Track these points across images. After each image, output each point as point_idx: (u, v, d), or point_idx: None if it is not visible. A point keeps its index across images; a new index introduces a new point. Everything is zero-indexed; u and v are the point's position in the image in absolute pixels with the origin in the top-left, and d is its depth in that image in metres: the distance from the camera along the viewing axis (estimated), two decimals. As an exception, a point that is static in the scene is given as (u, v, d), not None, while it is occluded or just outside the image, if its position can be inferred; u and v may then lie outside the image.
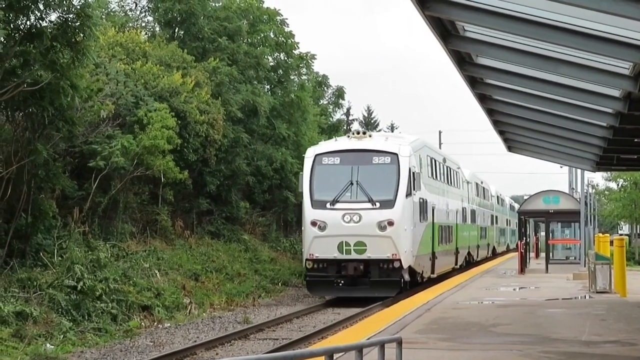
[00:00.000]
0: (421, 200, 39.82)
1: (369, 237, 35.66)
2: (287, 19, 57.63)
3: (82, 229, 31.82)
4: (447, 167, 51.07)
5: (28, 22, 28.73)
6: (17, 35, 28.07)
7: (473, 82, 20.19)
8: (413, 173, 37.24)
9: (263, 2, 55.79)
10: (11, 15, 27.69)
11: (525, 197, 62.90)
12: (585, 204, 51.27)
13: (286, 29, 57.89)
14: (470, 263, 59.51)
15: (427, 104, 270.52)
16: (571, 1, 11.79)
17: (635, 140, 24.30)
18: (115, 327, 27.75)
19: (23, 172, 28.44)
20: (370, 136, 39.57)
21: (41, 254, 29.28)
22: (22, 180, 28.45)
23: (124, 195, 35.59)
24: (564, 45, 14.48)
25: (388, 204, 35.94)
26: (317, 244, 36.18)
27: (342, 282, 36.02)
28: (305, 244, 37.08)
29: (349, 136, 40.37)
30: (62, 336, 25.19)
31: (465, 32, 16.53)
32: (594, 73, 16.32)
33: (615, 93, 17.37)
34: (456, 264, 52.75)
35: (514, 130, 29.84)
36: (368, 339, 16.56)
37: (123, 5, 52.60)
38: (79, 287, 27.79)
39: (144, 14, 53.00)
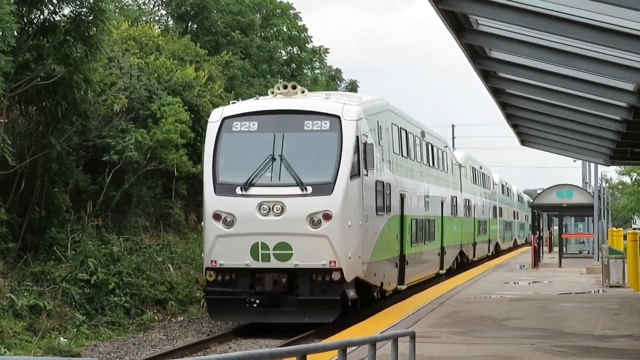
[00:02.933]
0: (380, 183, 27.24)
1: (296, 237, 23.46)
2: (300, 12, 57.71)
3: (96, 223, 31.81)
4: (427, 143, 37.99)
5: (41, 16, 28.88)
6: (30, 29, 28.23)
7: (486, 76, 20.14)
8: (365, 144, 24.60)
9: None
10: (24, 9, 27.83)
11: (539, 191, 62.66)
12: (599, 198, 51.17)
13: (299, 23, 57.92)
14: (463, 264, 48.80)
15: (440, 98, 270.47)
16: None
17: (649, 134, 24.27)
18: (129, 320, 27.82)
19: (37, 166, 28.56)
20: (303, 92, 26.22)
21: (55, 247, 29.25)
22: (35, 174, 28.56)
23: (137, 189, 35.48)
24: (579, 40, 14.42)
25: (324, 188, 23.56)
26: (222, 247, 23.89)
27: (258, 301, 23.74)
28: (206, 246, 24.69)
29: (273, 92, 26.62)
30: (75, 330, 25.26)
31: (479, 26, 16.52)
32: (608, 67, 16.28)
33: (630, 87, 17.33)
34: (441, 268, 40.02)
35: (528, 124, 29.82)
36: (381, 332, 16.54)
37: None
38: (92, 281, 27.87)
39: (157, 8, 53.13)
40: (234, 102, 28.53)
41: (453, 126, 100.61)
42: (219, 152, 24.81)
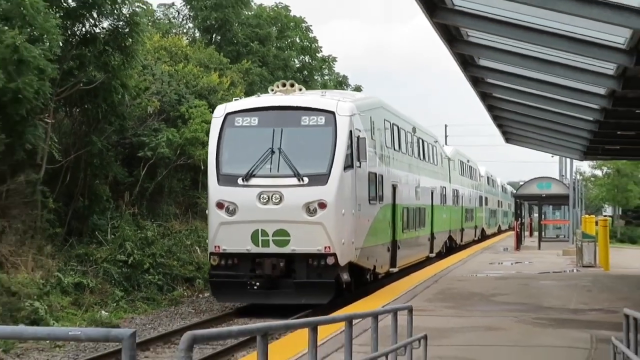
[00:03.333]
0: (372, 175, 26.17)
1: (293, 224, 22.57)
2: (311, 25, 57.74)
3: (132, 211, 31.98)
4: (418, 138, 36.75)
5: (83, 29, 29.05)
6: (73, 40, 28.45)
7: (475, 82, 20.12)
8: (358, 138, 23.70)
9: (290, 10, 55.81)
10: (68, 22, 27.98)
11: (521, 183, 62.81)
12: (574, 189, 51.11)
13: (311, 35, 57.96)
14: (452, 249, 46.89)
15: (435, 100, 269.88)
16: (565, 9, 11.76)
17: (618, 132, 24.26)
18: (161, 296, 27.92)
19: (80, 161, 28.87)
20: (300, 90, 25.70)
21: (96, 232, 29.43)
22: (79, 168, 28.91)
23: (169, 181, 35.57)
24: (557, 49, 14.42)
25: (319, 179, 22.69)
26: (225, 233, 23.02)
27: (258, 284, 22.93)
28: (210, 232, 23.88)
29: (272, 89, 25.80)
30: (115, 304, 25.38)
31: (469, 38, 16.52)
32: (583, 74, 16.29)
33: (602, 91, 17.33)
34: (431, 251, 38.78)
35: (511, 124, 29.83)
36: (383, 306, 16.56)
37: (167, 14, 52.67)
38: (129, 262, 28.01)
39: (185, 21, 53.04)
40: (237, 99, 27.29)
41: (446, 125, 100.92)
42: (222, 145, 23.75)
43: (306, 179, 22.45)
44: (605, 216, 55.54)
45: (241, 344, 18.42)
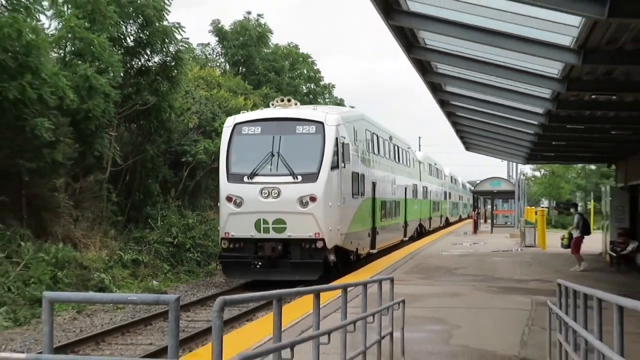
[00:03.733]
0: (355, 174, 25.40)
1: (289, 214, 22.20)
2: (315, 60, 57.90)
3: (177, 203, 32.13)
4: (394, 145, 35.64)
5: (139, 63, 29.35)
6: (132, 71, 28.88)
7: (442, 103, 19.78)
8: (342, 144, 23.26)
9: (299, 48, 55.90)
10: (128, 57, 28.27)
11: (478, 182, 62.86)
12: (518, 186, 51.17)
13: (315, 67, 58.10)
14: (422, 233, 45.68)
15: (413, 116, 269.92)
16: (512, 47, 11.71)
17: (553, 142, 24.26)
18: (199, 269, 28.04)
19: (136, 165, 29.71)
20: (296, 104, 25.44)
21: (149, 220, 29.62)
22: (136, 170, 29.70)
23: (205, 180, 35.53)
24: (507, 78, 14.29)
25: (311, 177, 22.30)
26: (233, 222, 22.64)
27: (260, 263, 22.42)
28: (221, 221, 23.37)
29: (273, 104, 25.74)
30: (163, 276, 25.64)
31: (438, 69, 16.45)
32: (527, 97, 16.28)
33: (540, 111, 17.32)
34: (405, 236, 37.79)
35: (470, 135, 29.82)
36: (370, 277, 16.55)
37: (204, 51, 52.76)
38: (174, 242, 28.25)
39: (218, 57, 53.07)
40: (244, 112, 26.61)
41: (419, 137, 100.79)
42: (231, 149, 23.18)
43: (300, 177, 22.09)
44: (542, 207, 55.45)
45: (260, 307, 18.50)
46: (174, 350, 4.87)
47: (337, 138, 22.84)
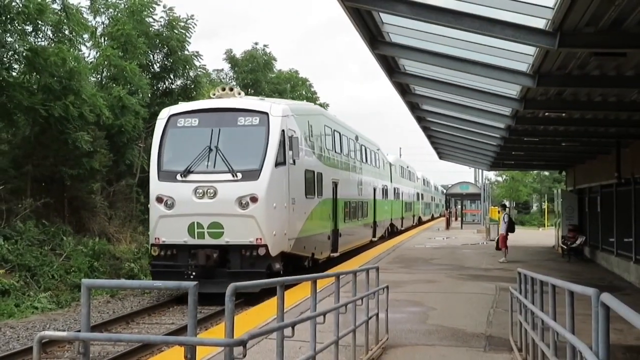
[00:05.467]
0: (310, 172, 19.89)
1: (226, 217, 16.76)
2: (312, 83, 57.87)
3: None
4: (361, 145, 29.63)
5: (164, 85, 29.33)
6: (158, 93, 29.00)
7: (413, 108, 19.23)
8: (290, 138, 17.76)
9: (299, 73, 55.92)
10: (154, 81, 28.33)
11: (449, 185, 63.03)
12: (484, 189, 51.25)
13: (312, 89, 58.14)
14: (394, 232, 40.57)
15: (396, 130, 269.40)
16: (477, 72, 11.70)
17: (513, 152, 24.28)
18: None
19: None
20: (239, 94, 19.14)
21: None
22: None
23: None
24: (474, 98, 14.29)
25: (251, 174, 16.92)
26: (164, 226, 17.12)
27: (194, 273, 16.77)
28: (151, 225, 17.63)
29: (214, 94, 19.64)
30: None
31: (416, 91, 16.42)
32: (491, 114, 16.24)
33: (502, 125, 17.30)
34: (374, 236, 32.13)
35: (443, 146, 29.80)
36: (359, 267, 16.54)
37: (219, 75, 52.75)
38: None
39: (230, 80, 53.07)
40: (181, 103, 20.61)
41: (400, 148, 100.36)
42: (165, 144, 17.64)
43: (239, 175, 16.68)
44: (506, 207, 55.59)
45: (266, 293, 16.21)
46: (193, 328, 4.95)
47: (283, 130, 17.43)
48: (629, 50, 8.67)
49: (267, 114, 17.38)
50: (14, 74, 22.59)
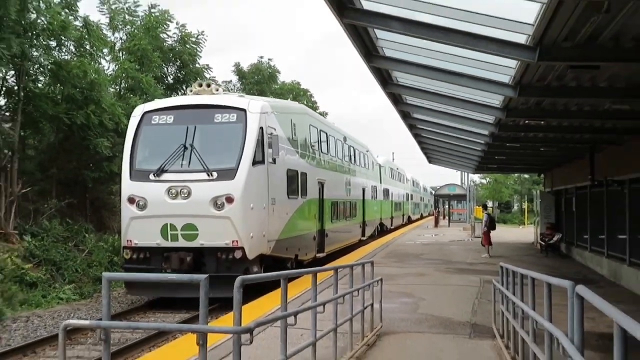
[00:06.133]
0: (293, 171, 17.52)
1: (201, 219, 14.49)
2: (313, 94, 57.86)
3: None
4: (349, 146, 26.99)
5: (177, 95, 29.23)
6: None
7: (405, 116, 19.22)
8: (270, 135, 15.38)
9: (300, 84, 55.90)
10: (168, 92, 28.22)
11: (438, 187, 63.07)
12: (469, 190, 51.20)
13: (313, 99, 58.17)
14: (384, 231, 38.40)
15: (391, 136, 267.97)
16: (464, 84, 11.71)
17: (496, 157, 24.29)
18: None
19: None
20: (216, 90, 16.42)
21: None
22: None
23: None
24: (461, 107, 14.29)
25: (227, 174, 14.60)
26: (136, 228, 14.76)
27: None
28: (123, 227, 15.17)
29: (191, 90, 16.92)
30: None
31: (407, 100, 16.43)
32: (477, 122, 16.26)
33: (486, 132, 17.32)
34: (363, 235, 29.51)
35: (432, 151, 29.81)
36: (355, 262, 16.55)
37: (227, 87, 52.71)
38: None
39: (238, 91, 53.10)
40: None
41: (393, 153, 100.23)
42: (138, 142, 15.28)
43: (215, 174, 14.41)
44: (487, 207, 55.62)
45: (271, 285, 14.72)
46: (204, 317, 4.97)
47: (262, 128, 15.10)
48: (602, 63, 8.69)
49: (244, 110, 15.08)
50: (39, 85, 22.65)
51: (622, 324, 3.53)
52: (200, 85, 16.39)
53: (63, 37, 21.61)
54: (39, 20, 20.68)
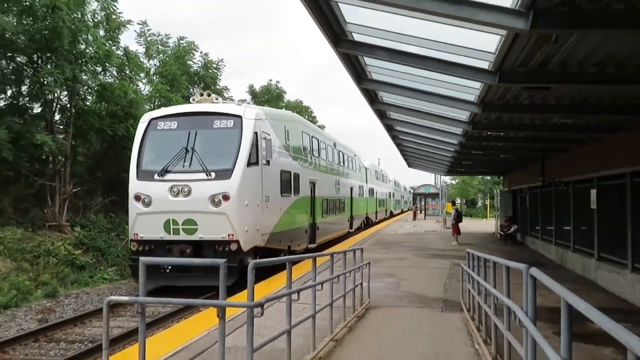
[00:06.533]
0: (286, 172, 16.62)
1: (200, 214, 13.69)
2: (313, 110, 57.78)
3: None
4: (339, 151, 25.83)
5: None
6: None
7: (389, 129, 18.83)
8: (264, 139, 14.69)
9: (302, 102, 55.92)
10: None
11: (416, 187, 63.01)
12: (441, 190, 51.16)
13: (313, 114, 58.07)
14: (369, 224, 37.05)
15: (380, 145, 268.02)
16: (435, 68, 11.67)
17: (463, 162, 24.24)
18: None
19: None
20: (216, 99, 15.71)
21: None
22: None
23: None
24: (437, 103, 13.66)
25: (224, 174, 13.82)
26: (142, 222, 13.96)
27: (170, 267, 13.63)
28: (130, 222, 14.28)
29: (193, 99, 16.00)
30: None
31: (391, 115, 16.35)
32: (446, 134, 16.22)
33: (455, 142, 17.30)
34: (351, 227, 28.48)
35: (411, 157, 29.75)
36: (348, 249, 16.58)
37: (239, 103, 52.72)
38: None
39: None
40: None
41: (379, 159, 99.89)
42: (145, 145, 14.33)
43: (213, 174, 13.49)
44: (455, 203, 55.55)
45: (278, 268, 14.27)
46: (224, 293, 4.97)
47: (256, 133, 14.22)
48: (551, 85, 8.69)
49: (240, 117, 14.18)
50: (88, 103, 22.64)
51: (567, 299, 3.53)
52: (202, 95, 15.65)
53: (107, 64, 21.61)
54: (87, 50, 20.69)
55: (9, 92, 20.37)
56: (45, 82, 19.31)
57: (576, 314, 3.41)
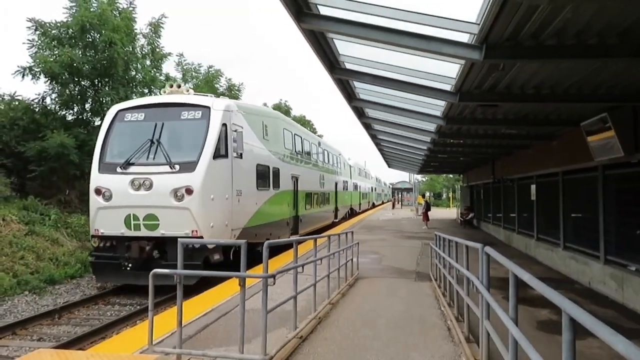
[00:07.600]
0: (262, 166, 12.66)
1: (162, 209, 9.45)
2: (311, 120, 57.38)
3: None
4: (323, 150, 22.52)
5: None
6: None
7: (367, 127, 17.03)
8: (235, 132, 10.50)
9: (305, 116, 55.68)
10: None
11: (395, 183, 62.91)
12: (414, 185, 51.10)
13: (314, 126, 57.79)
14: (353, 214, 33.79)
15: (367, 145, 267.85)
16: (410, 91, 11.59)
17: (432, 163, 24.18)
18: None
19: None
20: (187, 91, 11.19)
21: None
22: None
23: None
24: (409, 117, 12.25)
25: (188, 166, 9.56)
26: (102, 217, 9.83)
27: (130, 265, 9.63)
28: (90, 217, 10.12)
29: (165, 91, 11.38)
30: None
31: (369, 113, 15.30)
32: (417, 141, 16.14)
33: (425, 147, 17.22)
34: (336, 218, 25.15)
35: (390, 159, 29.68)
36: (341, 232, 16.53)
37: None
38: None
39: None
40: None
41: (365, 161, 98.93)
42: (109, 137, 10.85)
43: (177, 167, 10.07)
44: (425, 195, 55.48)
45: (285, 247, 12.94)
46: (244, 267, 4.92)
47: (225, 124, 10.70)
48: (499, 103, 8.69)
49: (209, 108, 10.75)
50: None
51: (514, 271, 3.53)
52: (172, 86, 11.82)
53: (152, 87, 21.55)
54: (137, 76, 20.64)
55: (76, 109, 20.39)
56: (104, 101, 19.31)
57: (521, 282, 3.40)
